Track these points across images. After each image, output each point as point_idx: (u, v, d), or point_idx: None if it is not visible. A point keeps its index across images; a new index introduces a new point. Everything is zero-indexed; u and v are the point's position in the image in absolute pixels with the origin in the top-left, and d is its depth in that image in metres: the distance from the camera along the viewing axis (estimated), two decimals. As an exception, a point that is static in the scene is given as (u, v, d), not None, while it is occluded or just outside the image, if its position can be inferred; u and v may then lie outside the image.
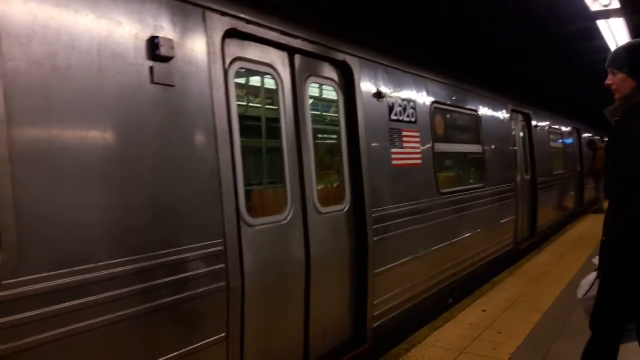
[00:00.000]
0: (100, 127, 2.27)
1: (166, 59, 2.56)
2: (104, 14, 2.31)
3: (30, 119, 2.02)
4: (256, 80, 3.63)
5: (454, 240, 5.70)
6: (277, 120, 3.39)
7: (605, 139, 18.70)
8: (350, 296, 3.96)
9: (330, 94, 4.06)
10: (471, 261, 6.18)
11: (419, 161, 5.08)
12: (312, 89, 3.81)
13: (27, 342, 1.93)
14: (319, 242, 3.56)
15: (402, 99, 4.83)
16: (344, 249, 3.88)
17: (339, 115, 4.02)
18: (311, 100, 3.74)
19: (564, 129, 12.00)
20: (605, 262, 2.46)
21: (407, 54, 5.28)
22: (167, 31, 2.60)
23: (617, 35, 7.43)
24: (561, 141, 11.71)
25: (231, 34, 3.02)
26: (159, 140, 2.51)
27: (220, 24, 2.91)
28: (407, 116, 4.90)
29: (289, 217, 3.33)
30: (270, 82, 3.47)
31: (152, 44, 2.51)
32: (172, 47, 2.58)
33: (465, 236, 5.95)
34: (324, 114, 4.27)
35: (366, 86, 4.26)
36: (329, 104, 4.22)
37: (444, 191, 5.51)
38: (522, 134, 8.79)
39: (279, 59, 3.42)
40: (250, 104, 3.83)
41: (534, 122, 9.15)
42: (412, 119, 5.00)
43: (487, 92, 7.21)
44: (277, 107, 3.41)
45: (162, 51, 2.53)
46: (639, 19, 7.89)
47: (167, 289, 2.44)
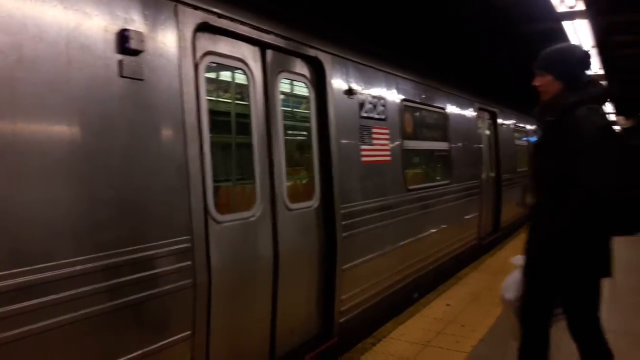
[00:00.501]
0: (66, 121, 2.22)
1: (136, 53, 2.52)
2: (72, 5, 2.25)
3: (-7, 112, 1.96)
4: (227, 75, 3.60)
5: (420, 236, 5.80)
6: (248, 116, 3.37)
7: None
8: (318, 292, 3.99)
9: (301, 90, 4.06)
10: (436, 256, 6.30)
11: (388, 158, 5.14)
12: (284, 85, 3.80)
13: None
14: (288, 238, 3.58)
15: (373, 96, 4.87)
16: (312, 246, 3.91)
17: (310, 111, 4.03)
18: (282, 96, 3.74)
19: (529, 127, 12.31)
20: (541, 260, 2.53)
21: (378, 52, 5.32)
22: (137, 24, 2.55)
23: (581, 36, 7.67)
24: (526, 139, 12.01)
25: (202, 27, 2.99)
26: (126, 134, 2.47)
27: (191, 18, 2.88)
28: (378, 113, 4.95)
29: (257, 214, 3.32)
30: (241, 77, 3.45)
31: (122, 37, 2.46)
32: (142, 41, 2.54)
33: (431, 232, 6.07)
34: (294, 110, 4.26)
35: (337, 83, 4.27)
36: (300, 100, 4.22)
37: (411, 188, 5.60)
38: (488, 132, 8.98)
39: (250, 54, 3.40)
40: (221, 99, 3.79)
41: (499, 121, 9.36)
42: (382, 117, 5.05)
43: (455, 90, 7.33)
44: (247, 103, 3.39)
45: (132, 44, 2.48)
46: (602, 20, 8.17)
47: (131, 287, 2.41)
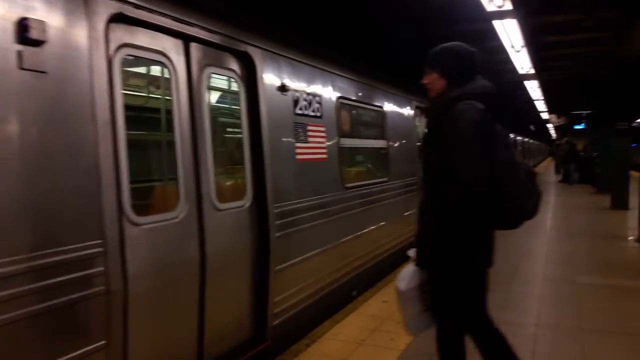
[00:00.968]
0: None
1: (37, 43, 2.32)
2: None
3: None
4: (147, 69, 3.42)
5: (359, 233, 5.79)
6: (170, 111, 3.21)
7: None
8: (250, 294, 3.87)
9: (231, 85, 3.92)
10: (376, 253, 6.33)
11: (325, 156, 5.08)
12: (211, 80, 3.66)
13: None
14: (217, 240, 3.44)
15: (308, 93, 4.80)
16: (244, 247, 3.79)
17: (240, 107, 3.90)
18: (209, 91, 3.59)
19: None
20: (431, 252, 2.60)
21: (313, 49, 5.25)
22: (40, 12, 2.35)
23: (512, 36, 7.93)
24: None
25: (118, 18, 2.81)
26: (27, 131, 2.27)
27: (104, 8, 2.69)
28: (313, 111, 4.88)
29: (182, 215, 3.17)
30: (163, 72, 3.28)
31: (22, 25, 2.26)
32: (46, 31, 2.34)
33: (369, 229, 6.07)
34: (224, 106, 4.12)
35: (270, 79, 4.17)
36: (229, 96, 4.09)
37: (348, 186, 5.58)
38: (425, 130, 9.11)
39: (172, 47, 3.24)
40: (139, 94, 3.60)
41: (437, 119, 9.53)
42: (318, 114, 4.99)
43: (393, 89, 7.39)
44: (170, 98, 3.23)
45: (33, 34, 2.29)
46: (532, 21, 8.48)
47: (35, 296, 2.22)
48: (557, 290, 5.60)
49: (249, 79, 3.96)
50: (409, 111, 8.01)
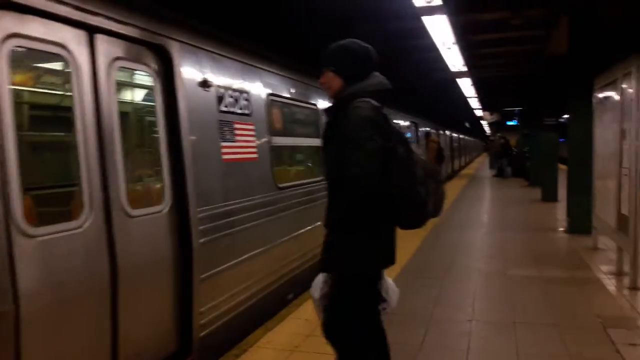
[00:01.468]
0: None
1: None
2: None
3: None
4: (43, 62, 3.08)
5: (295, 234, 5.62)
6: (71, 109, 2.89)
7: (442, 132, 20.54)
8: (173, 306, 3.60)
9: (145, 81, 3.63)
10: (313, 254, 6.16)
11: (255, 156, 4.86)
12: (121, 75, 3.36)
13: None
14: (130, 249, 3.15)
15: (234, 90, 4.55)
16: (163, 255, 3.51)
17: (156, 105, 3.61)
18: (120, 87, 3.30)
19: (402, 123, 12.77)
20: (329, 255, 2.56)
21: (241, 44, 5.01)
22: None
23: (443, 34, 8.00)
24: (409, 135, 12.45)
25: (4, 5, 2.48)
26: None
27: (-16, -8, 2.36)
28: (240, 108, 4.64)
29: (86, 224, 2.85)
30: (62, 65, 2.95)
31: None
32: None
33: (305, 230, 5.91)
34: (137, 103, 3.82)
35: (190, 74, 3.90)
36: (144, 92, 3.79)
37: (282, 186, 5.39)
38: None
39: (73, 39, 2.92)
40: (34, 90, 3.25)
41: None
42: (246, 111, 4.76)
43: (328, 85, 7.25)
44: (71, 94, 2.91)
45: None
46: (462, 19, 8.60)
47: None
48: (490, 284, 5.66)
49: (166, 73, 3.68)
50: (344, 108, 7.91)
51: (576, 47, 8.30)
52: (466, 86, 16.81)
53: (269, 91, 5.29)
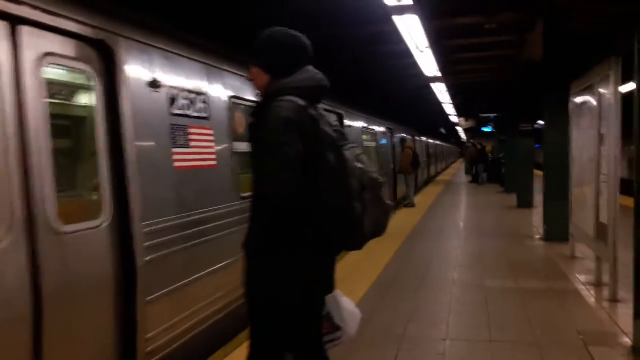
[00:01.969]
0: None
1: None
2: None
3: None
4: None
5: (259, 247, 5.25)
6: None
7: (418, 138, 20.41)
8: (113, 333, 3.20)
9: (81, 79, 3.24)
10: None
11: (213, 162, 4.49)
12: (52, 73, 2.96)
13: None
14: (59, 271, 2.75)
15: (189, 91, 4.18)
16: (102, 276, 3.11)
17: (95, 106, 3.23)
18: (49, 86, 2.91)
19: (378, 129, 12.52)
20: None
21: (199, 42, 4.65)
22: None
23: (416, 38, 7.76)
24: (374, 141, 12.19)
25: None
26: None
27: None
28: (197, 111, 4.27)
29: (2, 244, 2.45)
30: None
31: None
32: None
33: (271, 242, 5.54)
34: (71, 104, 3.43)
35: (136, 72, 3.52)
36: (81, 92, 3.40)
37: (246, 195, 5.02)
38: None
39: (-11, 30, 2.54)
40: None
41: (346, 122, 9.24)
42: (204, 115, 4.38)
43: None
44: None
45: None
46: (436, 24, 8.39)
47: None
48: (466, 296, 5.38)
49: (109, 72, 3.31)
50: (315, 113, 7.59)
51: (551, 52, 8.17)
52: (441, 92, 16.69)
53: (231, 93, 4.94)
